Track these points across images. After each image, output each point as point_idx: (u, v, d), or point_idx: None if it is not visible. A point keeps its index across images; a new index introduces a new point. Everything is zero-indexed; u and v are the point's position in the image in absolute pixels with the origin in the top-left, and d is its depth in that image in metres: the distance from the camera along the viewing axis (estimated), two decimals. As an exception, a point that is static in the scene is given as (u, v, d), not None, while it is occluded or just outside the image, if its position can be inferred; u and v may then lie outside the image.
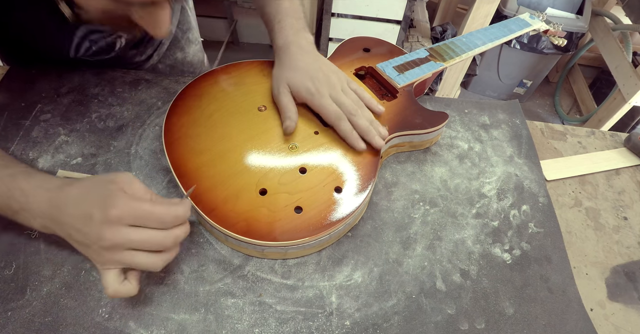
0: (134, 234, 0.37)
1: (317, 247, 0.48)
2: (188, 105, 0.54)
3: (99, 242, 0.37)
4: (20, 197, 0.39)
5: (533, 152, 0.63)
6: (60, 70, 0.63)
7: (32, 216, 0.40)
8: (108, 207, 0.36)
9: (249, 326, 0.42)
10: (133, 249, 0.38)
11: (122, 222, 0.37)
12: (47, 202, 0.39)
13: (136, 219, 0.37)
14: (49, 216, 0.39)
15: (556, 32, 0.78)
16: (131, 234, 0.37)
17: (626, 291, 0.50)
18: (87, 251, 0.39)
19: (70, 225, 0.38)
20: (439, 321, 0.45)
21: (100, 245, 0.37)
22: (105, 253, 0.37)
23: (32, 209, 0.39)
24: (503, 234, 0.53)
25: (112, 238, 0.36)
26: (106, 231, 0.36)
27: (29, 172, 0.41)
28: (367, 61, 0.63)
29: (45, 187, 0.40)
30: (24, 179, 0.40)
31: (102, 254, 0.38)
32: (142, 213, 0.38)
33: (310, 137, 0.53)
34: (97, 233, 0.37)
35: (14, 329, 0.40)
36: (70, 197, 0.39)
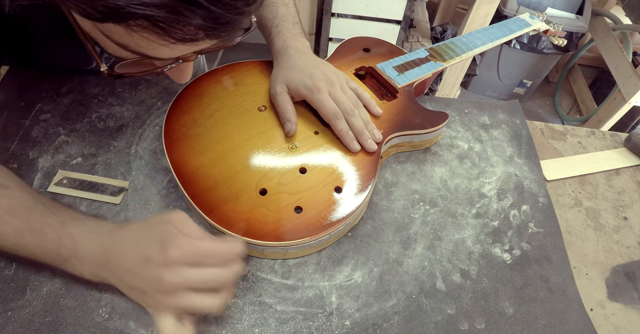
0: (195, 272, 0.36)
1: (317, 247, 0.48)
2: (188, 105, 0.54)
3: (157, 285, 0.35)
4: (70, 244, 0.38)
5: (533, 152, 0.63)
6: (61, 72, 0.63)
7: (81, 264, 0.38)
8: (167, 248, 0.35)
9: (249, 326, 0.42)
10: (192, 292, 0.36)
11: (182, 261, 0.36)
12: (98, 247, 0.38)
13: (197, 257, 0.36)
14: (100, 262, 0.38)
15: (556, 32, 0.78)
16: (193, 273, 0.36)
17: (626, 291, 0.50)
18: (143, 296, 0.37)
19: (124, 269, 0.37)
20: (439, 321, 0.45)
21: (159, 288, 0.35)
22: (163, 297, 0.36)
23: (82, 256, 0.38)
24: (503, 234, 0.53)
25: (172, 280, 0.35)
26: (166, 273, 0.35)
27: (79, 218, 0.40)
28: (367, 61, 0.63)
29: (97, 232, 0.39)
30: (75, 226, 0.39)
31: (160, 298, 0.36)
32: (202, 251, 0.37)
33: (310, 137, 0.53)
34: (155, 275, 0.35)
35: (14, 329, 0.40)
36: (123, 240, 0.38)
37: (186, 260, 0.36)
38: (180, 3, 0.27)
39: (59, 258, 0.39)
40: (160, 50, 0.33)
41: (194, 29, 0.30)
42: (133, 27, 0.29)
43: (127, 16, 0.27)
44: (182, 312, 0.37)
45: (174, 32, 0.29)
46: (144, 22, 0.28)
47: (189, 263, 0.36)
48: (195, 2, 0.28)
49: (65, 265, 0.39)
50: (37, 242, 0.39)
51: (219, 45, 0.36)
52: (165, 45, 0.31)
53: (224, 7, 0.29)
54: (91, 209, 0.49)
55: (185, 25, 0.29)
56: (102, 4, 0.26)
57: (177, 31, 0.29)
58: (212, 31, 0.31)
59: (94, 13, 0.27)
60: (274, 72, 0.56)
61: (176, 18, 0.28)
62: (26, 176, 0.51)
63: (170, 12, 0.27)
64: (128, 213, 0.49)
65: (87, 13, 0.28)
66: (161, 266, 0.35)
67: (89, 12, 0.28)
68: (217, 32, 0.31)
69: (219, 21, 0.30)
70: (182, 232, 0.37)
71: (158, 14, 0.27)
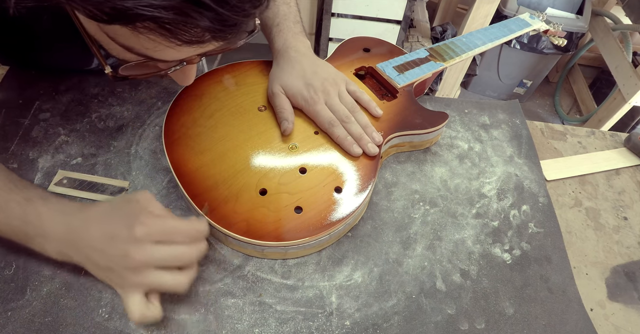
0: (161, 249, 0.37)
1: (317, 247, 0.48)
2: (188, 105, 0.54)
3: (124, 262, 0.36)
4: (37, 222, 0.38)
5: (533, 152, 0.63)
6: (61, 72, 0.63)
7: (47, 241, 0.39)
8: (134, 225, 0.36)
9: (249, 326, 0.42)
10: (159, 269, 0.37)
11: (149, 239, 0.36)
12: (65, 225, 0.38)
13: (163, 234, 0.37)
14: (66, 240, 0.38)
15: (556, 32, 0.78)
16: (159, 250, 0.36)
17: (626, 291, 0.50)
18: (109, 274, 0.38)
19: (91, 247, 0.37)
20: (439, 321, 0.45)
21: (126, 265, 0.36)
22: (130, 274, 0.37)
23: (48, 234, 0.38)
24: (503, 234, 0.53)
25: (139, 256, 0.36)
26: (133, 249, 0.36)
27: (46, 196, 0.40)
28: (367, 61, 0.63)
29: (63, 211, 0.39)
30: (42, 204, 0.39)
31: (127, 275, 0.37)
32: (168, 228, 0.37)
33: (310, 137, 0.53)
34: (122, 252, 0.36)
35: (14, 329, 0.40)
36: (90, 219, 0.38)
37: (152, 237, 0.37)
38: (188, 5, 0.27)
39: (24, 236, 0.39)
40: (165, 53, 0.32)
41: (201, 31, 0.30)
42: (140, 29, 0.29)
43: (134, 18, 0.27)
44: (149, 290, 0.38)
45: (180, 34, 0.29)
46: (150, 24, 0.28)
47: (155, 240, 0.37)
48: (203, 4, 0.28)
49: (30, 242, 0.39)
50: (3, 219, 0.39)
51: (223, 48, 0.36)
52: (171, 47, 0.31)
53: (232, 9, 0.29)
54: (91, 209, 0.49)
55: (192, 27, 0.29)
56: (110, 5, 0.26)
57: (184, 33, 0.29)
58: (219, 33, 0.31)
59: (101, 14, 0.27)
60: (272, 72, 0.56)
61: (184, 20, 0.28)
62: (26, 176, 0.51)
63: (178, 14, 0.27)
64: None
65: (93, 14, 0.28)
66: (128, 242, 0.36)
67: (96, 14, 0.27)
68: (223, 34, 0.31)
69: (226, 23, 0.30)
70: (148, 210, 0.38)
71: (166, 15, 0.27)
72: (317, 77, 0.53)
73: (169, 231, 0.38)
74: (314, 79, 0.53)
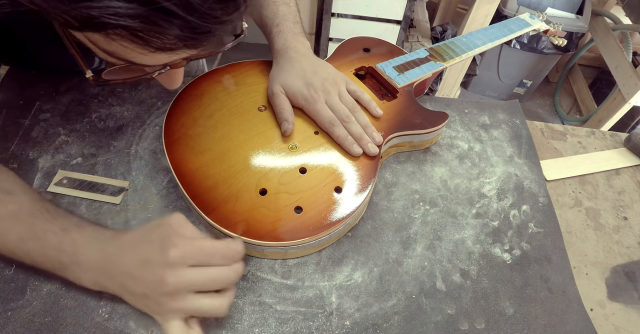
0: (198, 273, 0.36)
1: (317, 247, 0.48)
2: (188, 105, 0.54)
3: (160, 287, 0.35)
4: (72, 250, 0.38)
5: (533, 152, 0.63)
6: (60, 72, 0.63)
7: (82, 271, 0.38)
8: (167, 248, 0.35)
9: (249, 326, 0.42)
10: (196, 293, 0.36)
11: (184, 262, 0.36)
12: (99, 253, 0.38)
13: (199, 257, 0.36)
14: (101, 269, 0.38)
15: (556, 32, 0.78)
16: (195, 274, 0.36)
17: (626, 291, 0.50)
18: (146, 302, 0.37)
19: (126, 274, 0.37)
20: (439, 321, 0.45)
21: (162, 291, 0.35)
22: (168, 300, 0.36)
23: (82, 262, 0.38)
24: (503, 234, 0.53)
25: (175, 281, 0.35)
26: (168, 274, 0.35)
27: (81, 225, 0.40)
28: (367, 61, 0.63)
29: (98, 239, 0.38)
30: (77, 232, 0.39)
31: (164, 302, 0.36)
32: (204, 250, 0.37)
33: (310, 137, 0.53)
34: (157, 278, 0.35)
35: (14, 329, 0.40)
36: (124, 245, 0.38)
37: (187, 260, 0.36)
38: (155, 13, 0.27)
39: (60, 265, 0.38)
40: (142, 58, 0.32)
41: (172, 38, 0.29)
42: (112, 36, 0.28)
43: (102, 26, 0.27)
44: (187, 315, 0.37)
45: (151, 42, 0.29)
46: (122, 32, 0.28)
47: (190, 263, 0.36)
48: (171, 12, 0.27)
49: (66, 272, 0.39)
50: (39, 249, 0.38)
51: (208, 52, 0.36)
52: (144, 54, 0.31)
53: (202, 17, 0.28)
54: (91, 209, 0.49)
55: (162, 34, 0.29)
56: (78, 13, 0.26)
57: (155, 40, 0.29)
58: (190, 41, 0.30)
59: (72, 22, 0.27)
60: (272, 72, 0.56)
61: (152, 28, 0.28)
62: (26, 176, 0.51)
63: (146, 23, 0.27)
64: (128, 213, 0.49)
65: (65, 22, 0.28)
66: (162, 267, 0.35)
67: (67, 21, 0.27)
68: (195, 41, 0.30)
69: (197, 31, 0.29)
70: (181, 233, 0.37)
71: (132, 24, 0.27)
72: (317, 76, 0.53)
73: (205, 253, 0.37)
74: (314, 78, 0.53)
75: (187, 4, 0.27)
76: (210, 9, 0.28)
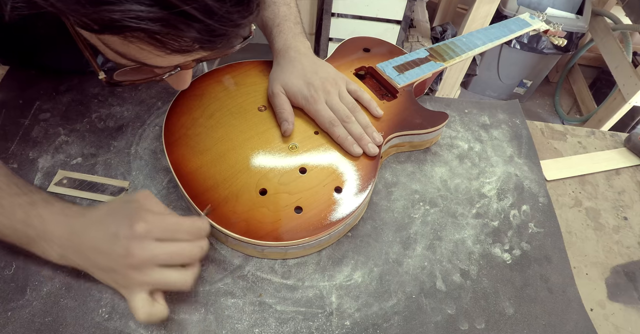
0: (163, 247, 0.37)
1: (317, 248, 0.48)
2: (188, 105, 0.54)
3: (126, 260, 0.36)
4: (39, 225, 0.38)
5: (533, 152, 0.63)
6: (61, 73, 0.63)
7: (49, 245, 0.38)
8: (134, 223, 0.36)
9: (249, 326, 0.42)
10: (162, 267, 0.37)
11: (150, 236, 0.36)
12: (67, 228, 0.38)
13: (164, 231, 0.37)
14: (68, 244, 0.38)
15: (556, 32, 0.78)
16: (160, 247, 0.37)
17: (626, 291, 0.50)
18: (113, 275, 0.38)
19: (93, 249, 0.37)
20: (439, 321, 0.45)
21: (129, 263, 0.36)
22: (134, 273, 0.37)
23: (50, 237, 0.38)
24: (503, 234, 0.53)
25: (140, 254, 0.36)
26: (134, 247, 0.36)
27: (49, 200, 0.40)
28: (367, 61, 0.63)
29: (66, 214, 0.39)
30: (44, 207, 0.39)
31: (130, 275, 0.37)
32: (169, 225, 0.38)
33: (310, 137, 0.53)
34: (124, 251, 0.36)
35: (14, 329, 0.40)
36: (92, 220, 0.38)
37: (153, 234, 0.37)
38: (175, 17, 0.27)
39: (27, 239, 0.39)
40: (156, 60, 0.33)
41: (190, 41, 0.30)
42: (129, 39, 0.29)
43: (123, 29, 0.27)
44: (153, 288, 0.38)
45: (169, 44, 0.30)
46: (140, 34, 0.28)
47: (156, 238, 0.37)
48: (191, 16, 0.28)
49: (33, 246, 0.39)
50: (6, 222, 0.39)
51: (217, 54, 0.37)
52: (161, 56, 0.31)
53: (220, 21, 0.29)
54: (91, 209, 0.49)
55: (180, 37, 0.29)
56: (98, 16, 0.27)
57: (173, 43, 0.30)
58: (207, 43, 0.31)
59: (91, 25, 0.28)
60: (273, 72, 0.56)
61: (171, 31, 0.28)
62: (26, 176, 0.51)
63: (165, 26, 0.28)
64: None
65: (84, 25, 0.28)
66: (129, 240, 0.36)
67: (87, 24, 0.28)
68: (212, 44, 0.31)
69: (214, 34, 0.30)
70: (148, 209, 0.38)
71: (153, 27, 0.27)
72: (317, 76, 0.53)
73: (170, 228, 0.38)
74: (315, 78, 0.53)
75: (206, 7, 0.28)
76: (228, 12, 0.29)
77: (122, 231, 0.36)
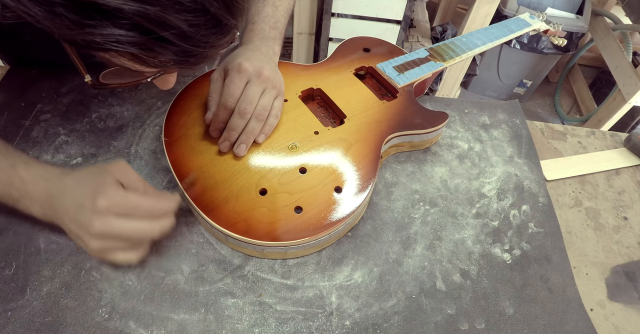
0: (119, 224, 0.39)
1: (317, 247, 0.48)
2: (188, 105, 0.54)
3: (88, 229, 0.38)
4: (20, 186, 0.41)
5: (533, 152, 0.63)
6: (60, 70, 0.63)
7: (31, 204, 0.41)
8: (97, 197, 0.38)
9: (249, 326, 0.42)
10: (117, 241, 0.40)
11: (110, 211, 0.38)
12: (44, 191, 0.40)
13: (124, 209, 0.39)
14: (47, 204, 0.40)
15: (556, 32, 0.78)
16: (117, 225, 0.38)
17: (626, 291, 0.50)
18: (77, 240, 0.40)
19: (65, 213, 0.40)
20: (439, 321, 0.45)
21: (89, 232, 0.38)
22: (93, 241, 0.39)
23: (31, 197, 0.41)
24: (503, 234, 0.53)
25: (99, 227, 0.38)
26: (93, 220, 0.38)
27: (28, 162, 0.42)
28: (367, 61, 0.63)
29: (44, 177, 0.41)
30: (24, 169, 0.41)
31: (93, 243, 0.39)
32: (130, 204, 0.39)
33: (310, 137, 0.53)
34: (87, 222, 0.38)
35: (14, 329, 0.40)
36: (66, 186, 0.40)
37: (114, 210, 0.38)
38: (153, 41, 0.29)
39: (11, 199, 0.41)
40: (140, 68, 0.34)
41: (167, 60, 0.31)
42: (111, 54, 0.31)
43: (104, 49, 0.29)
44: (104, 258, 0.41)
45: (149, 61, 0.31)
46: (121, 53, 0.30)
47: (116, 213, 0.38)
48: (167, 41, 0.29)
49: (17, 204, 0.42)
50: None
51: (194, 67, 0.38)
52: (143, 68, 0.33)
53: (195, 44, 0.31)
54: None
55: (157, 58, 0.31)
56: (82, 38, 0.28)
57: (152, 60, 0.31)
58: (183, 63, 0.33)
59: (77, 42, 0.29)
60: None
61: (149, 54, 0.30)
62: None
63: (143, 49, 0.30)
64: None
65: (69, 41, 0.30)
66: (91, 212, 0.38)
67: (72, 41, 0.30)
68: (188, 63, 0.33)
69: (190, 54, 0.32)
70: (120, 181, 0.40)
71: (132, 50, 0.29)
72: (260, 62, 0.50)
73: (131, 206, 0.39)
74: (257, 62, 0.50)
75: (182, 33, 0.29)
76: (204, 36, 0.31)
77: (87, 202, 0.38)
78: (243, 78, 0.49)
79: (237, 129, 0.49)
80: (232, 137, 0.49)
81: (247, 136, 0.49)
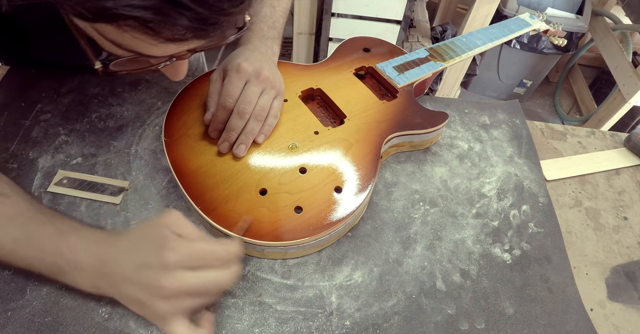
0: (194, 276, 0.35)
1: (317, 247, 0.48)
2: (188, 105, 0.54)
3: (157, 292, 0.34)
4: (69, 254, 0.37)
5: (533, 152, 0.63)
6: (60, 70, 0.63)
7: (80, 275, 0.37)
8: (164, 252, 0.35)
9: (249, 326, 0.42)
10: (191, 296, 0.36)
11: (180, 265, 0.35)
12: (97, 257, 0.37)
13: (195, 260, 0.36)
14: (99, 272, 0.37)
15: (556, 32, 0.78)
16: (192, 277, 0.35)
17: (626, 291, 0.50)
18: (143, 309, 0.36)
19: (123, 278, 0.36)
20: (439, 321, 0.45)
21: (159, 295, 0.34)
22: (163, 304, 0.35)
23: (80, 267, 0.37)
24: (503, 234, 0.53)
25: (172, 284, 0.34)
26: (164, 278, 0.34)
27: (77, 227, 0.39)
28: (367, 61, 0.63)
29: (94, 241, 0.38)
30: (74, 235, 0.38)
31: (160, 306, 0.35)
32: (201, 253, 0.36)
33: (310, 137, 0.53)
34: (155, 282, 0.34)
35: (14, 329, 0.40)
36: (120, 248, 0.37)
37: (184, 264, 0.35)
38: (166, 5, 0.28)
39: (57, 269, 0.38)
40: (151, 49, 0.33)
41: (182, 29, 0.30)
42: (123, 27, 0.30)
43: (116, 17, 0.28)
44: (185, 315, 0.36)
45: (162, 32, 0.30)
46: (133, 23, 0.29)
47: (187, 267, 0.35)
48: (181, 4, 0.28)
49: (63, 276, 0.38)
50: (35, 253, 0.38)
51: (211, 44, 0.37)
52: (155, 45, 0.32)
53: (210, 9, 0.30)
54: (91, 209, 0.49)
55: (173, 25, 0.30)
56: (92, 5, 0.27)
57: (166, 31, 0.30)
58: (200, 32, 0.31)
59: (86, 13, 0.28)
60: None
61: (163, 19, 0.29)
62: (26, 176, 0.51)
63: (157, 14, 0.28)
64: (128, 213, 0.49)
65: (79, 13, 0.29)
66: (159, 271, 0.34)
67: (81, 13, 0.29)
68: (204, 32, 0.32)
69: (206, 22, 0.31)
70: (179, 234, 0.37)
71: (145, 15, 0.28)
72: (259, 62, 0.50)
73: (201, 256, 0.36)
74: (257, 63, 0.50)
75: None
76: (218, 1, 0.30)
77: (151, 261, 0.35)
78: (242, 78, 0.49)
79: (236, 130, 0.49)
80: (232, 137, 0.49)
81: (246, 136, 0.49)
